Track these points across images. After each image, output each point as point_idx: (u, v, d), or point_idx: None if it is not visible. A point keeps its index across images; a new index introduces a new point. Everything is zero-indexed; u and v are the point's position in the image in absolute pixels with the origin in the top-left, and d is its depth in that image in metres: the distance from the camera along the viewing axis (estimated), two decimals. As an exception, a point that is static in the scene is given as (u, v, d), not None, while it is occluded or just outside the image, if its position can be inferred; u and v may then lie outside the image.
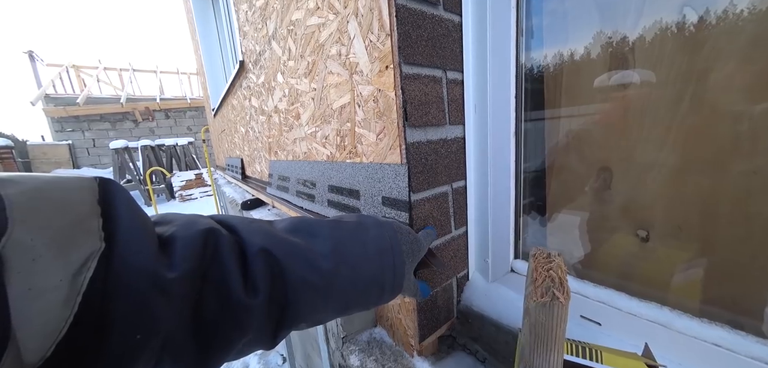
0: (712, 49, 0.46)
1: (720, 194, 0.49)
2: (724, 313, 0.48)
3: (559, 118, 0.65)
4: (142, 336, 0.22)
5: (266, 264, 0.30)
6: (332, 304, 0.35)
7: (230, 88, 2.06)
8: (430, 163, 0.58)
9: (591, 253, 0.67)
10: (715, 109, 0.47)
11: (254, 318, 0.28)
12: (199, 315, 0.25)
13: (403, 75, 0.50)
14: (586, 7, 0.56)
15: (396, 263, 0.39)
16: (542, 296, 0.27)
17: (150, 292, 0.22)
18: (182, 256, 0.25)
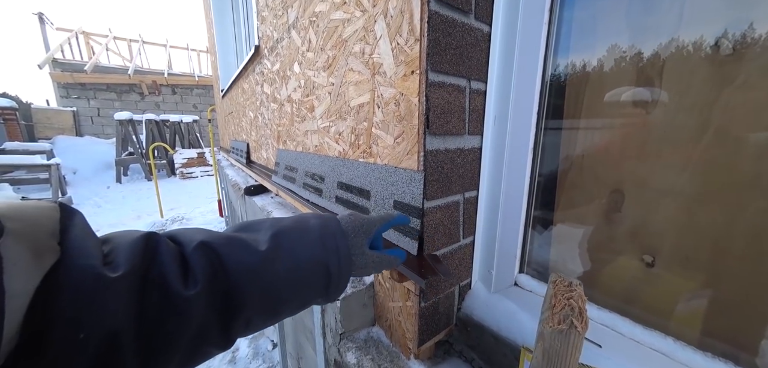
0: (742, 80, 0.46)
1: (734, 229, 0.49)
2: (723, 346, 0.49)
3: (577, 132, 0.65)
4: (85, 334, 0.23)
5: (204, 255, 0.31)
6: (277, 290, 0.35)
7: (242, 71, 2.06)
8: (446, 171, 0.58)
9: (595, 273, 0.67)
10: (737, 141, 0.48)
11: (195, 309, 0.29)
12: (142, 314, 0.26)
13: (428, 82, 0.51)
14: (615, 23, 0.56)
15: (339, 246, 0.40)
16: (560, 323, 0.27)
17: (94, 290, 0.24)
18: (123, 258, 0.26)
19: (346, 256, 0.41)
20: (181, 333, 0.29)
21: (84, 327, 0.23)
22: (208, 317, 0.30)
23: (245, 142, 2.32)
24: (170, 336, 0.28)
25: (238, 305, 0.32)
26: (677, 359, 0.47)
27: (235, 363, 2.37)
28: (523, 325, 0.62)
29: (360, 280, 0.82)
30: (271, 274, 0.35)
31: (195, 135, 10.39)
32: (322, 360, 0.93)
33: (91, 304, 0.23)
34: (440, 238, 0.61)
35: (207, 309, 0.30)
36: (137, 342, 0.26)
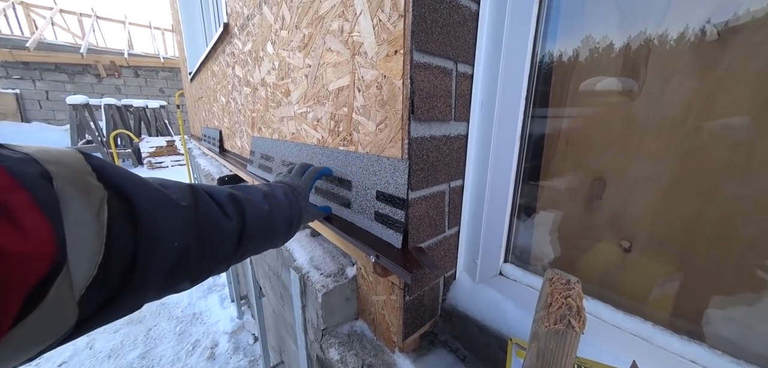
0: (724, 68, 0.46)
1: (706, 215, 0.51)
2: (691, 325, 0.51)
3: (562, 120, 0.64)
4: (179, 243, 0.33)
5: (234, 204, 0.44)
6: (266, 231, 0.50)
7: (211, 51, 1.89)
8: (432, 160, 0.55)
9: (576, 260, 0.68)
10: (714, 130, 0.48)
11: (230, 236, 0.42)
12: (201, 234, 0.37)
13: (413, 63, 0.46)
14: (605, 7, 0.55)
15: (299, 205, 0.59)
16: (556, 323, 0.25)
17: (177, 214, 0.33)
18: (182, 195, 0.36)
19: (299, 211, 0.59)
20: (220, 252, 0.41)
21: (175, 237, 0.32)
22: (233, 242, 0.43)
23: (217, 129, 2.17)
24: (215, 249, 0.40)
25: (247, 239, 0.46)
26: (656, 343, 0.48)
27: (214, 359, 2.29)
28: (507, 315, 0.62)
29: (342, 275, 0.79)
30: (268, 225, 0.50)
31: (163, 122, 9.68)
32: (304, 356, 0.89)
33: (176, 223, 0.33)
34: (425, 230, 0.59)
35: (234, 237, 0.43)
36: (199, 250, 0.37)
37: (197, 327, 2.60)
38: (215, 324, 2.63)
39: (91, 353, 2.30)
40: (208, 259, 0.39)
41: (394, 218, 0.56)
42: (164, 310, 2.79)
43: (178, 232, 0.33)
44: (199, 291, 3.10)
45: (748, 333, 0.48)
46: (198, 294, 3.05)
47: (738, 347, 0.46)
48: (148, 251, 0.29)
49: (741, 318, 0.48)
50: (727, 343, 0.47)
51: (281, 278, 1.05)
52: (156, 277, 0.31)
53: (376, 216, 0.61)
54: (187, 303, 2.91)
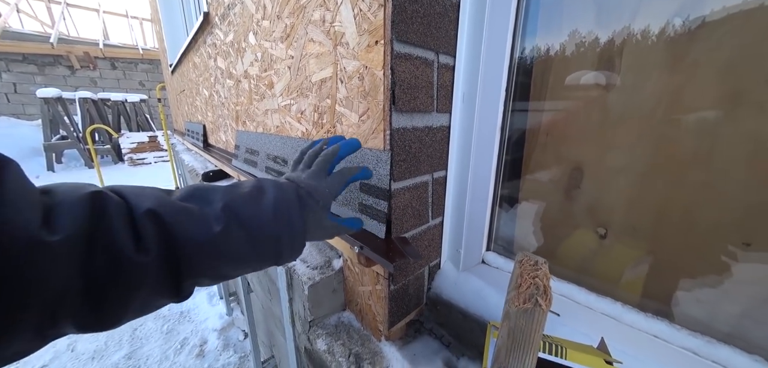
0: (690, 60, 0.48)
1: (673, 201, 0.54)
2: (660, 306, 0.54)
3: (542, 113, 0.65)
4: (29, 297, 0.23)
5: (154, 224, 0.31)
6: (229, 261, 0.36)
7: (192, 42, 1.83)
8: (414, 151, 0.56)
9: (555, 247, 0.71)
10: (682, 120, 0.50)
11: (147, 275, 0.30)
12: (89, 275, 0.26)
13: (394, 53, 0.46)
14: (582, 2, 0.56)
15: (292, 218, 0.40)
16: (525, 302, 0.26)
17: (30, 253, 0.23)
18: (66, 220, 0.25)
19: (300, 230, 0.41)
20: (132, 292, 0.29)
21: (26, 288, 0.23)
22: (158, 279, 0.31)
23: (201, 123, 2.11)
24: (122, 296, 0.29)
25: (188, 272, 0.33)
26: (624, 321, 0.51)
27: (203, 356, 2.27)
28: (489, 301, 0.64)
29: (329, 267, 0.80)
30: (222, 250, 0.35)
31: (144, 116, 9.32)
32: (292, 348, 0.90)
33: (30, 267, 0.23)
34: (409, 220, 0.59)
35: (157, 273, 0.30)
36: (85, 298, 0.26)
37: (185, 326, 2.56)
38: (204, 322, 2.60)
39: (73, 355, 2.23)
40: (113, 304, 0.28)
41: (377, 208, 0.57)
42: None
43: (35, 276, 0.23)
44: (186, 289, 3.04)
45: (713, 311, 0.51)
46: (185, 293, 2.99)
47: (703, 324, 0.50)
48: (7, 296, 0.22)
49: (705, 298, 0.52)
50: (694, 321, 0.51)
51: (268, 273, 1.04)
52: (10, 331, 0.23)
53: (361, 208, 0.61)
54: (174, 302, 2.85)
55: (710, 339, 0.46)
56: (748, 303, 0.48)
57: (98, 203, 0.28)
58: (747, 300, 0.48)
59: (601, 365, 0.34)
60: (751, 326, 0.48)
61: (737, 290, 0.48)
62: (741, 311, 0.48)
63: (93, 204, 0.27)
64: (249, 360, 2.21)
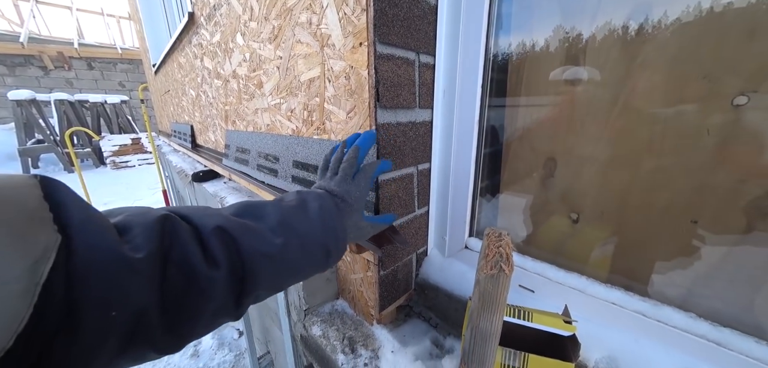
0: (642, 59, 0.54)
1: (633, 186, 0.60)
2: (625, 280, 0.61)
3: (518, 108, 0.71)
4: (117, 312, 0.24)
5: (222, 241, 0.32)
6: (286, 272, 0.38)
7: (176, 42, 1.81)
8: (399, 144, 0.60)
9: (533, 232, 0.77)
10: (638, 112, 0.56)
11: (217, 290, 0.31)
12: (167, 292, 0.27)
13: (377, 54, 0.50)
14: (547, 4, 0.61)
15: (337, 227, 0.43)
16: (491, 269, 0.31)
17: (120, 272, 0.24)
18: (144, 239, 0.26)
19: (343, 236, 0.44)
20: (204, 309, 0.30)
21: (114, 306, 0.23)
22: (226, 295, 0.32)
23: (188, 124, 2.09)
24: (193, 311, 0.30)
25: (253, 287, 0.35)
26: (588, 293, 0.57)
27: (198, 356, 2.27)
28: (472, 282, 0.69)
29: (322, 258, 0.83)
30: (282, 261, 0.37)
31: (126, 118, 9.02)
32: (288, 338, 0.93)
33: (118, 285, 0.24)
34: (396, 209, 0.64)
35: (226, 288, 0.32)
36: (163, 316, 0.27)
37: (177, 328, 2.54)
38: (197, 324, 2.59)
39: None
40: (187, 322, 0.30)
41: (366, 200, 0.60)
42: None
43: (120, 295, 0.24)
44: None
45: (665, 280, 0.58)
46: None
47: (658, 292, 0.56)
48: (72, 320, 0.21)
49: (659, 268, 0.58)
50: (654, 291, 0.57)
51: (262, 267, 1.07)
52: (96, 348, 0.23)
53: None
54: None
55: (656, 302, 0.52)
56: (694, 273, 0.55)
57: (168, 225, 0.29)
58: (694, 270, 0.55)
59: (559, 324, 0.40)
60: (695, 290, 0.54)
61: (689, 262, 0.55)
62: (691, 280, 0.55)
63: (164, 226, 0.28)
64: (244, 358, 2.22)
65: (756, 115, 0.46)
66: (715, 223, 0.52)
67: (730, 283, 0.52)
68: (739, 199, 0.49)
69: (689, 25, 0.48)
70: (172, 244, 0.28)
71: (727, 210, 0.50)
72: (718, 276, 0.53)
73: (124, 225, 0.27)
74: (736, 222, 0.50)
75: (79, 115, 8.01)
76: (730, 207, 0.50)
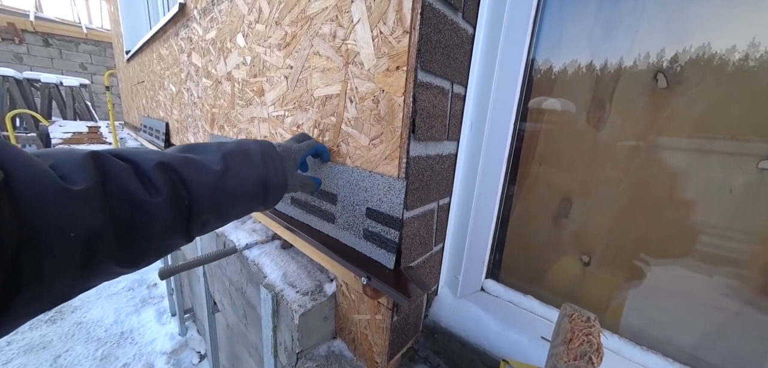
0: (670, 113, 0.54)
1: (650, 235, 0.59)
2: (641, 334, 0.59)
3: (537, 144, 0.69)
4: (74, 234, 0.27)
5: (164, 173, 0.36)
6: (227, 198, 0.43)
7: (159, 32, 1.65)
8: (426, 179, 0.55)
9: (544, 272, 0.74)
10: (658, 162, 0.56)
11: (161, 213, 0.35)
12: (115, 218, 0.31)
13: (417, 82, 0.45)
14: (581, 40, 0.60)
15: (277, 167, 0.50)
16: (576, 359, 0.26)
17: (64, 201, 0.27)
18: (78, 175, 0.29)
19: (282, 176, 0.50)
20: (152, 229, 0.35)
21: (68, 228, 0.27)
22: (172, 219, 0.37)
23: (163, 120, 1.90)
24: (144, 232, 0.34)
25: (197, 212, 0.39)
26: (610, 348, 0.54)
27: (149, 385, 1.98)
28: (488, 329, 0.64)
29: (321, 292, 0.74)
30: (224, 189, 0.42)
31: (84, 104, 8.18)
32: (272, 383, 0.82)
33: (66, 212, 0.27)
34: (417, 249, 0.58)
35: (171, 213, 0.36)
36: (118, 238, 0.31)
37: (126, 349, 2.23)
38: (150, 344, 2.29)
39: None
40: (139, 242, 0.34)
41: (386, 237, 0.54)
42: (80, 331, 2.34)
43: (72, 220, 0.27)
44: (129, 306, 2.67)
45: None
46: (128, 309, 2.63)
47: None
48: (35, 246, 0.25)
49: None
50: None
51: (246, 295, 0.95)
52: (60, 272, 0.27)
53: (366, 235, 0.58)
54: (113, 321, 2.48)
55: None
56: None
57: (99, 162, 0.32)
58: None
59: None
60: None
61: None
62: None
63: (94, 162, 0.31)
64: (205, 387, 1.99)
65: None
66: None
67: (742, 340, 0.52)
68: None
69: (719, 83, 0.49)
70: (107, 177, 0.31)
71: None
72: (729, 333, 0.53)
73: (55, 165, 0.29)
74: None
75: (26, 96, 7.13)
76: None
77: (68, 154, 0.31)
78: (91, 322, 2.43)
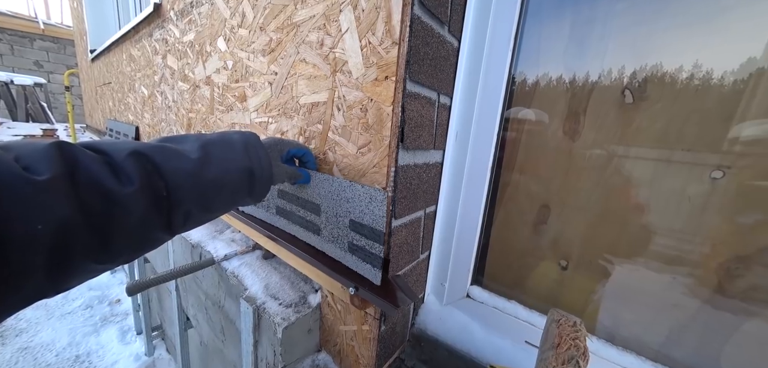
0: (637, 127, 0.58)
1: (620, 240, 0.63)
2: (615, 334, 0.62)
3: (517, 153, 0.72)
4: (42, 226, 0.25)
5: (137, 161, 0.34)
6: (210, 187, 0.41)
7: (131, 32, 1.56)
8: (414, 187, 0.55)
9: (524, 277, 0.77)
10: (628, 172, 0.61)
11: (135, 204, 0.33)
12: (86, 209, 0.29)
13: (406, 92, 0.46)
14: (557, 55, 0.64)
15: (261, 156, 0.47)
16: (564, 363, 0.27)
17: (29, 192, 0.25)
18: (43, 165, 0.27)
19: (267, 165, 0.48)
20: (128, 222, 0.33)
21: (35, 220, 0.25)
22: (149, 209, 0.34)
23: (133, 124, 1.78)
24: (118, 224, 0.32)
25: (177, 201, 0.37)
26: (597, 354, 0.56)
27: (108, 413, 1.81)
28: (474, 336, 0.65)
29: (305, 303, 0.72)
30: (204, 178, 0.40)
31: (39, 104, 7.51)
32: (251, 402, 0.77)
33: (32, 203, 0.25)
34: (404, 257, 0.58)
35: (147, 203, 0.34)
36: (92, 232, 0.30)
37: (83, 374, 2.03)
38: (111, 366, 2.10)
39: None
40: (116, 235, 0.32)
41: (371, 251, 0.52)
42: (26, 357, 2.09)
43: (39, 212, 0.26)
44: (87, 325, 2.44)
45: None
46: (86, 329, 2.39)
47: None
48: (21, 235, 0.24)
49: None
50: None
51: (224, 309, 0.90)
52: (30, 268, 0.25)
53: (350, 247, 0.56)
54: (67, 343, 2.25)
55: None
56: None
57: (66, 151, 0.30)
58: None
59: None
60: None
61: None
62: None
63: (60, 151, 0.29)
64: (175, 411, 1.84)
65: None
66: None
67: (700, 336, 0.57)
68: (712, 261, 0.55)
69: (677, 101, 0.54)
70: (75, 167, 0.30)
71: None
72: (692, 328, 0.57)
73: (18, 157, 0.27)
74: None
75: (-30, 94, 6.43)
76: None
77: (32, 145, 0.29)
78: (39, 346, 2.19)
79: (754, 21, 0.48)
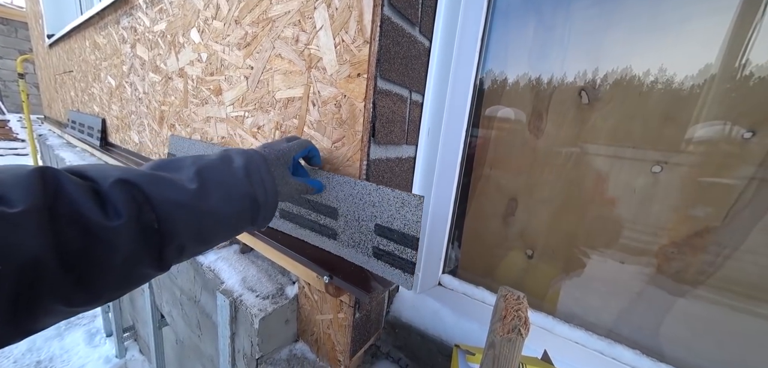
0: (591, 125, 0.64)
1: (579, 230, 0.69)
2: (567, 312, 0.69)
3: (487, 150, 0.76)
4: (3, 266, 0.23)
5: (125, 192, 0.31)
6: (208, 220, 0.37)
7: (95, 18, 1.47)
8: (386, 180, 0.58)
9: (495, 266, 0.82)
10: (586, 166, 0.66)
11: (122, 240, 0.30)
12: (62, 246, 0.26)
13: (377, 89, 0.48)
14: (522, 56, 0.69)
15: (265, 179, 0.44)
16: (509, 332, 0.31)
17: (3, 226, 0.23)
18: (19, 194, 0.25)
19: (272, 188, 0.44)
20: (111, 260, 0.29)
21: (1, 259, 0.23)
22: (137, 245, 0.31)
23: (99, 117, 1.69)
24: (99, 262, 0.29)
25: (169, 235, 0.34)
26: (556, 332, 0.62)
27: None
28: (445, 321, 0.69)
29: (282, 295, 0.73)
30: (201, 210, 0.36)
31: (-11, 92, 6.86)
32: (229, 394, 0.78)
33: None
34: (378, 247, 0.60)
35: (135, 239, 0.31)
36: (68, 271, 0.26)
37: (47, 380, 1.92)
38: (78, 371, 2.00)
39: None
40: (96, 275, 0.29)
41: (401, 257, 0.49)
42: (-16, 364, 1.95)
43: (3, 250, 0.23)
44: (49, 329, 2.29)
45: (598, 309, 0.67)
46: (47, 333, 2.25)
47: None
48: None
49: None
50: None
51: (200, 304, 0.89)
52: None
53: (375, 252, 0.53)
54: (26, 349, 2.11)
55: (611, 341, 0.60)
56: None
57: (50, 179, 0.27)
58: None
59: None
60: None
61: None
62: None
63: (43, 179, 0.27)
64: (149, 413, 1.79)
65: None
66: (641, 268, 0.63)
67: (643, 314, 0.64)
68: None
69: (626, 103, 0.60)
70: (56, 197, 0.27)
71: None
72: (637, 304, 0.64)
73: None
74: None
75: None
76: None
77: (14, 171, 0.27)
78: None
79: (688, 35, 0.55)
